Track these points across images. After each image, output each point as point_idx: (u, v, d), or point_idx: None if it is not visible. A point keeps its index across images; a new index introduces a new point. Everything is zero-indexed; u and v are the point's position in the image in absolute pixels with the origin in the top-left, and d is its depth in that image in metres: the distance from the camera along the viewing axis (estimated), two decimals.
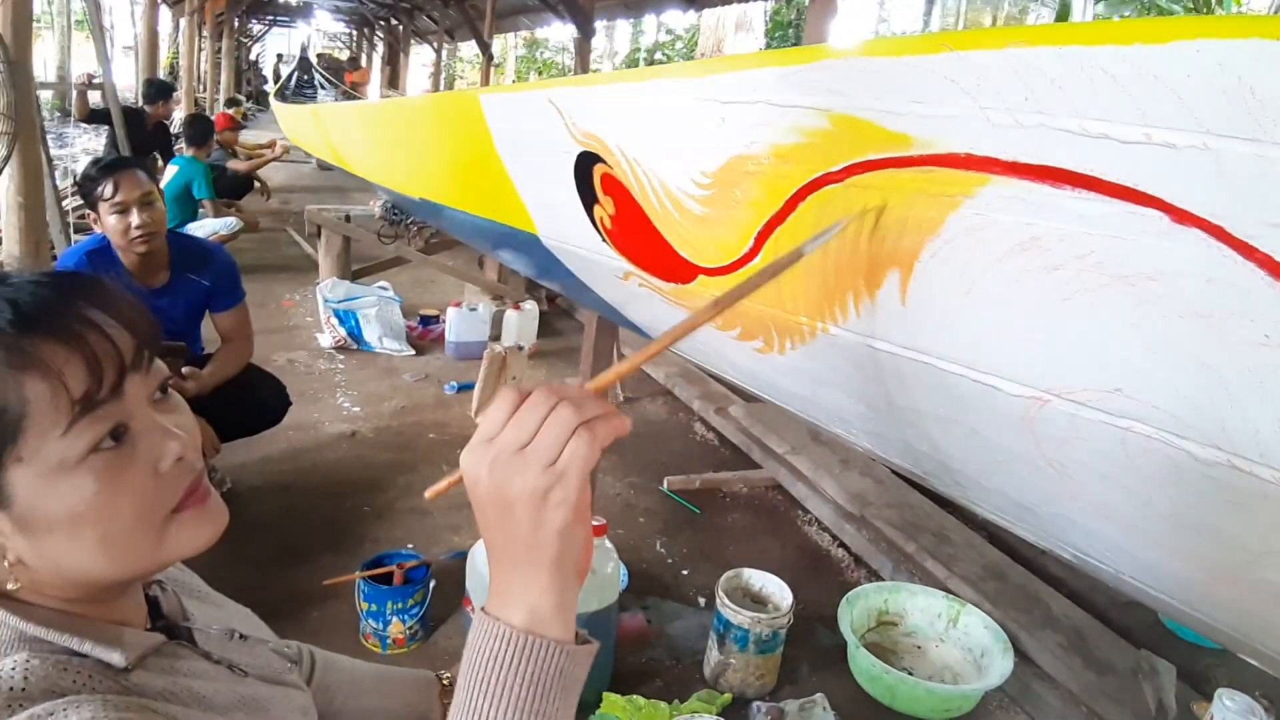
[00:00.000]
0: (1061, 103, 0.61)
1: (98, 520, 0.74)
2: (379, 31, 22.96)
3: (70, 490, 0.73)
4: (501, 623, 0.69)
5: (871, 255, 0.83)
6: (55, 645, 0.75)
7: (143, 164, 2.82)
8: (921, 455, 1.07)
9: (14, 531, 0.74)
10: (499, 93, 1.67)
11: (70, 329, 0.73)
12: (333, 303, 5.06)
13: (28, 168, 3.64)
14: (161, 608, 0.93)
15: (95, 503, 0.74)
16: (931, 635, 2.77)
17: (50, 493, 0.72)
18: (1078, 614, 2.80)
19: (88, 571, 0.77)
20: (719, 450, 4.22)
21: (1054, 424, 0.77)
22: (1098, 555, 0.99)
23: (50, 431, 0.71)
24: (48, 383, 0.71)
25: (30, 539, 0.74)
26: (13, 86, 3.37)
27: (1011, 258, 0.70)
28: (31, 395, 0.70)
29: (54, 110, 14.10)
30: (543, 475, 0.66)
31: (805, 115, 0.83)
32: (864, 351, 0.91)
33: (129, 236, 2.68)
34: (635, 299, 1.54)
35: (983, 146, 0.68)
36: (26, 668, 0.71)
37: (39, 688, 0.70)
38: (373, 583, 2.52)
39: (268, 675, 0.98)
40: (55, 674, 0.72)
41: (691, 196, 1.09)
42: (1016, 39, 0.61)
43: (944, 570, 2.99)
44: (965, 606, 2.72)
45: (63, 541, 0.74)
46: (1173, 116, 0.56)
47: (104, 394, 0.74)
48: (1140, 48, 0.55)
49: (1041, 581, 2.98)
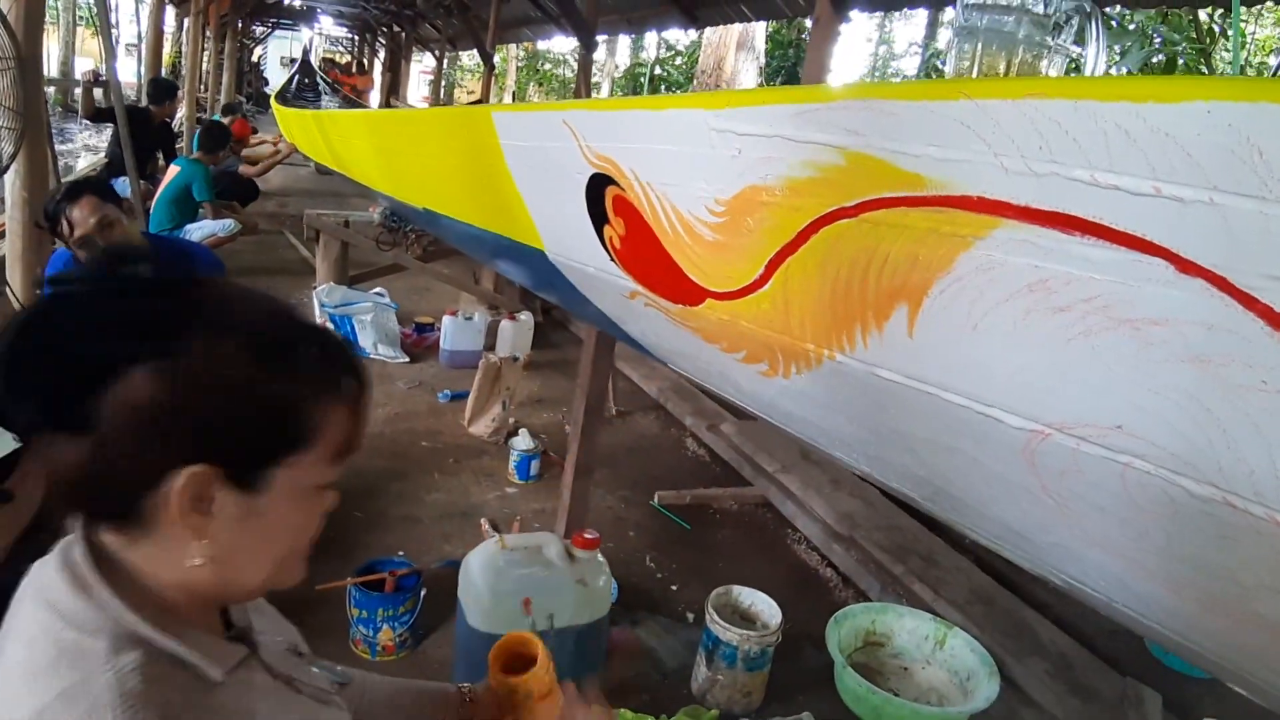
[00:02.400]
0: (1075, 154, 0.64)
1: (291, 538, 0.84)
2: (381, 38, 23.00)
3: (300, 508, 0.82)
4: None
5: (880, 288, 0.85)
6: (163, 649, 0.76)
7: (98, 185, 2.78)
8: (921, 481, 1.10)
9: (235, 518, 0.78)
10: (512, 111, 1.69)
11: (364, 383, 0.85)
12: (328, 308, 5.07)
13: (34, 164, 3.63)
14: (231, 617, 0.94)
15: (301, 525, 0.84)
16: (918, 657, 2.79)
17: (288, 502, 0.81)
18: (1065, 640, 2.82)
19: (250, 575, 0.83)
20: (710, 466, 4.24)
21: (1054, 457, 0.80)
22: (1092, 584, 1.01)
23: (324, 456, 0.81)
24: (349, 418, 0.82)
25: (239, 531, 0.79)
26: (22, 84, 3.37)
27: (1020, 298, 0.73)
28: (333, 421, 0.80)
29: (57, 106, 14.09)
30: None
31: (821, 151, 0.85)
32: (870, 380, 0.94)
33: None
34: (639, 317, 1.56)
35: (996, 191, 0.70)
36: (143, 671, 0.73)
37: (155, 692, 0.72)
38: (364, 590, 2.53)
39: (317, 695, 0.98)
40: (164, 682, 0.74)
41: (704, 223, 1.11)
42: (1034, 91, 0.64)
43: (931, 593, 3.01)
44: (952, 629, 2.74)
45: (262, 544, 0.82)
46: (1182, 172, 0.59)
47: (356, 445, 0.85)
48: (1153, 106, 0.58)
49: (1029, 607, 3.00)
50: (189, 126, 10.44)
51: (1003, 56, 0.91)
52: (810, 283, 0.96)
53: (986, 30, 0.92)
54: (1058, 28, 0.92)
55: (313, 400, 0.79)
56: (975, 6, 0.93)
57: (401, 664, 2.54)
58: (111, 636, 0.74)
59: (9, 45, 3.29)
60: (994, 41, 0.91)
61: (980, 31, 0.93)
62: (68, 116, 13.83)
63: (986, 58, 0.92)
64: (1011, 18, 0.90)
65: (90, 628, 0.74)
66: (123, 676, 0.71)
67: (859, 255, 0.86)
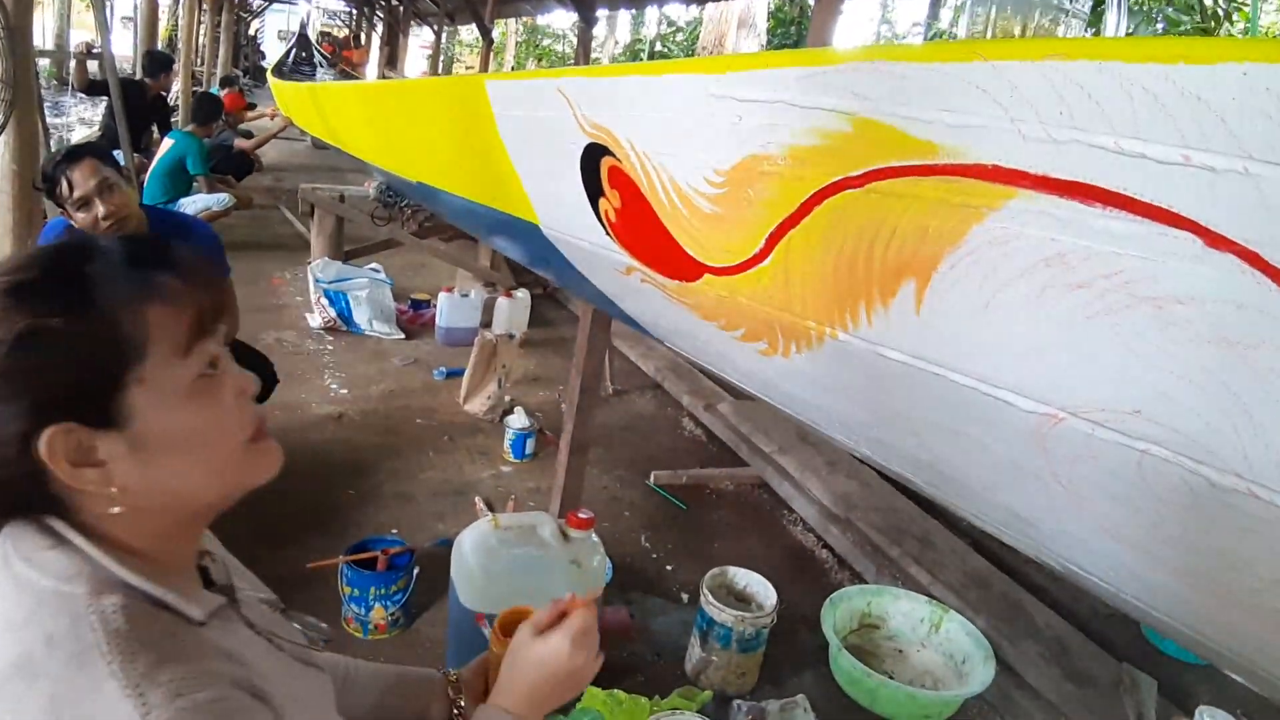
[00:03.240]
0: (1098, 119, 0.60)
1: (204, 439, 0.82)
2: (379, 11, 22.81)
3: (183, 409, 0.80)
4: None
5: (887, 263, 0.82)
6: (140, 591, 0.78)
7: (98, 149, 2.76)
8: (923, 465, 1.06)
9: (126, 454, 0.78)
10: (505, 79, 1.64)
11: (182, 267, 0.82)
12: (323, 283, 5.03)
13: (23, 136, 3.59)
14: (211, 576, 0.96)
15: (201, 422, 0.81)
16: (913, 640, 2.77)
17: (168, 412, 0.79)
18: (1060, 624, 2.81)
19: (189, 492, 0.83)
20: (707, 446, 4.21)
21: (1067, 442, 0.76)
22: (1100, 573, 0.98)
23: (171, 355, 0.78)
24: (169, 310, 0.79)
25: (140, 461, 0.78)
26: (11, 54, 3.31)
27: (1035, 273, 0.69)
28: (155, 320, 0.77)
29: (50, 78, 13.96)
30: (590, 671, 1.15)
31: (826, 118, 0.81)
32: (873, 359, 0.90)
33: (98, 228, 2.64)
34: (635, 294, 1.52)
35: (1012, 159, 0.66)
36: (126, 611, 0.74)
37: (140, 632, 0.73)
38: (357, 568, 2.51)
39: (297, 653, 0.99)
40: (147, 621, 0.76)
41: (702, 194, 1.07)
42: (1055, 51, 0.60)
43: (928, 576, 3.00)
44: (948, 613, 2.72)
45: (173, 461, 0.80)
46: (1214, 139, 0.55)
47: (210, 324, 0.82)
48: (1184, 68, 0.54)
49: (1025, 591, 2.98)
50: (184, 100, 10.34)
51: (1018, 21, 0.87)
52: (813, 257, 0.92)
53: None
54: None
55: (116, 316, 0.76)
56: None
57: (394, 642, 2.52)
58: (91, 580, 0.76)
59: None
60: (1009, 4, 0.87)
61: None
62: (62, 89, 13.73)
63: (1002, 21, 0.88)
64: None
65: (67, 575, 0.76)
66: (106, 617, 0.73)
67: (865, 228, 0.82)
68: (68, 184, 2.59)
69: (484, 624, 2.19)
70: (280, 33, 29.09)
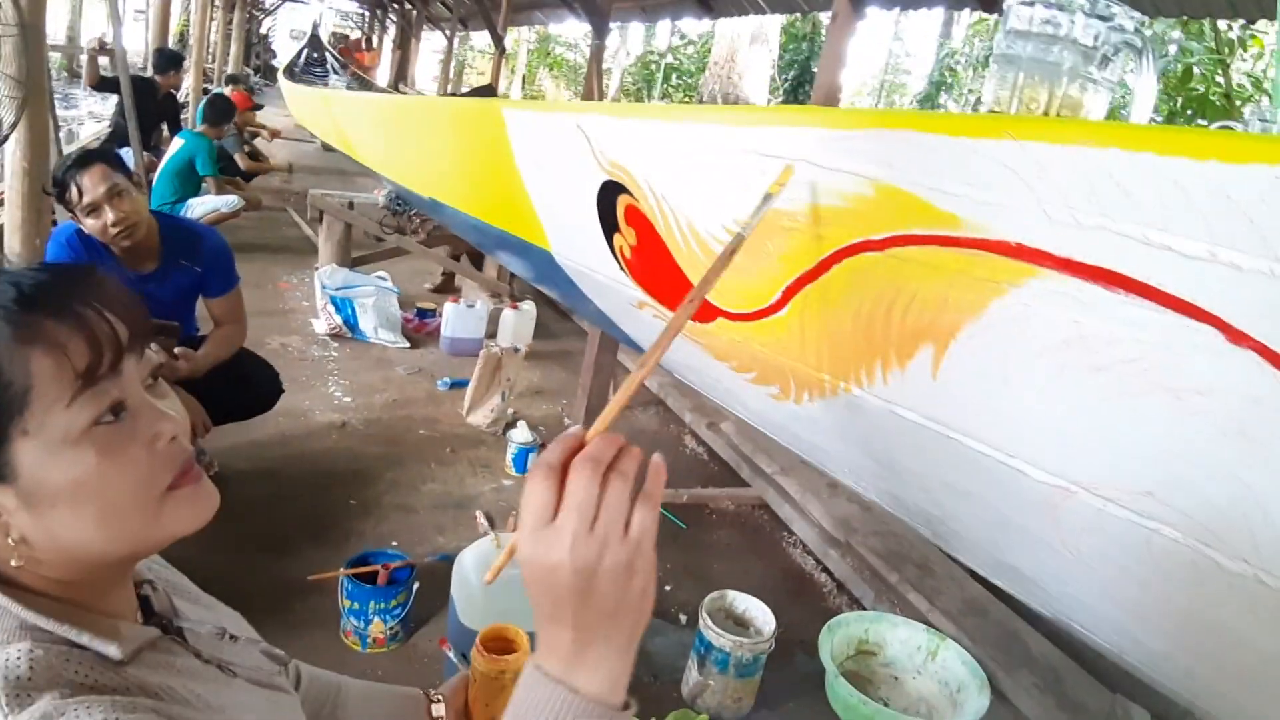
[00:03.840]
0: (1126, 208, 0.60)
1: (99, 493, 0.76)
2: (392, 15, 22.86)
3: (74, 462, 0.75)
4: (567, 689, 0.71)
5: (905, 326, 0.82)
6: (54, 635, 0.75)
7: (109, 155, 2.77)
8: (934, 519, 1.06)
9: (18, 507, 0.75)
10: (524, 109, 1.65)
11: (71, 309, 0.76)
12: (330, 289, 5.03)
13: (35, 133, 3.59)
14: (153, 606, 0.93)
15: (97, 475, 0.75)
16: (909, 667, 2.77)
17: (55, 465, 0.74)
18: (1055, 654, 2.81)
19: (87, 547, 0.78)
20: (708, 465, 4.21)
21: (1079, 514, 0.76)
22: (1102, 634, 0.98)
23: (55, 405, 0.73)
24: (52, 357, 0.73)
25: (33, 514, 0.75)
26: (25, 51, 3.32)
27: (1054, 352, 0.69)
28: (36, 369, 0.73)
29: (61, 71, 14.00)
30: (622, 549, 0.68)
31: (850, 180, 0.82)
32: (887, 417, 0.90)
33: (108, 235, 2.65)
34: (647, 328, 1.53)
35: (1036, 238, 0.67)
36: (31, 657, 0.71)
37: (44, 678, 0.70)
38: (357, 581, 2.51)
39: (257, 678, 0.97)
40: (59, 664, 0.73)
41: (719, 241, 1.08)
42: (1086, 136, 0.61)
43: (926, 603, 2.99)
44: (945, 641, 2.72)
45: (65, 515, 0.76)
46: (1241, 238, 0.55)
47: (104, 370, 0.76)
48: (1216, 165, 0.55)
49: (1021, 620, 2.98)
50: (194, 98, 10.35)
51: (1045, 88, 0.87)
52: (829, 313, 0.92)
53: (1029, 59, 0.89)
54: (1105, 60, 0.88)
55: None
56: (1019, 33, 0.89)
57: (391, 656, 2.52)
58: (4, 631, 0.74)
59: (11, 11, 3.24)
60: (1037, 71, 0.87)
61: (1023, 60, 0.89)
62: (72, 82, 13.75)
63: (1028, 88, 0.88)
64: (1057, 47, 0.87)
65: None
66: (8, 667, 0.70)
67: (884, 290, 0.83)
68: (78, 189, 2.59)
69: (446, 647, 2.19)
70: (292, 32, 29.11)
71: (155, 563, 1.03)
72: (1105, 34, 0.88)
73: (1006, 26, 0.91)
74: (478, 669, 1.29)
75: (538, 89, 28.68)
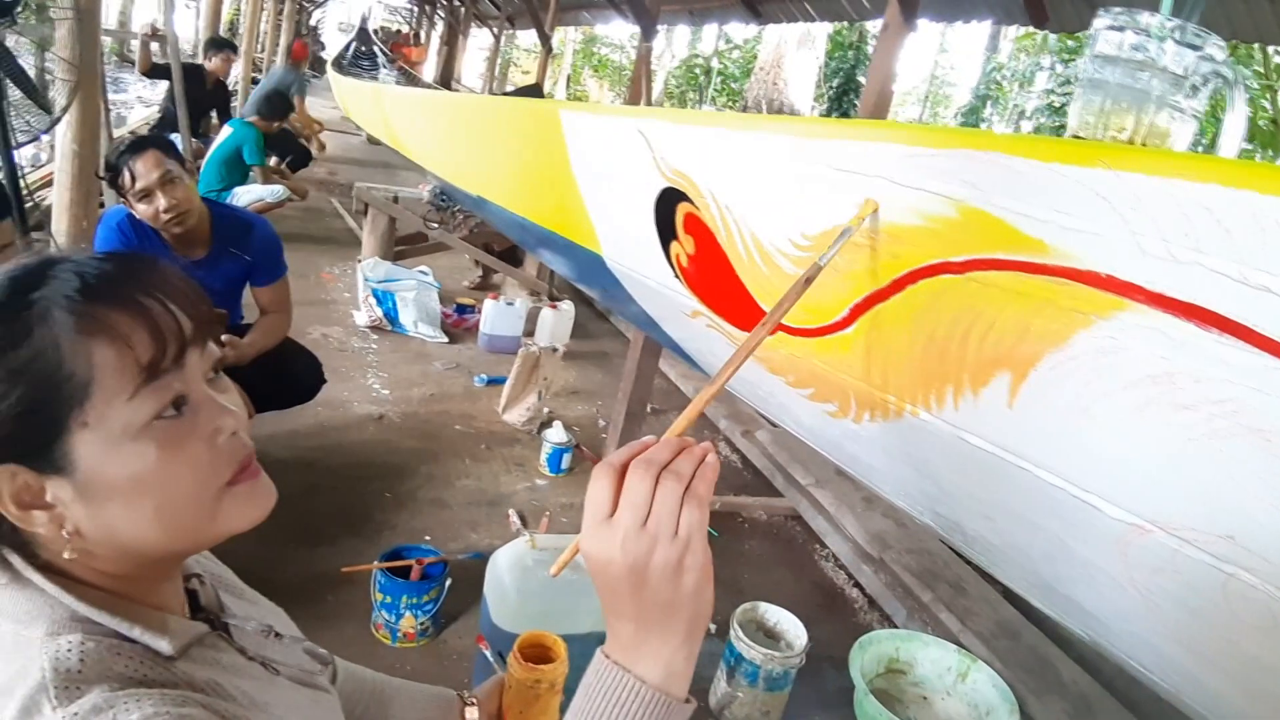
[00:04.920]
0: (1224, 245, 0.59)
1: (157, 488, 0.76)
2: (440, 11, 23.00)
3: (133, 456, 0.74)
4: (633, 676, 0.73)
5: (983, 352, 0.80)
6: (105, 628, 0.75)
7: (162, 141, 2.79)
8: (993, 548, 1.05)
9: (75, 499, 0.74)
10: (582, 111, 1.65)
11: (136, 301, 0.75)
12: (372, 282, 5.07)
13: (86, 117, 3.62)
14: (200, 600, 0.93)
15: (156, 470, 0.75)
16: (939, 688, 2.74)
17: (114, 459, 0.74)
18: (1086, 681, 2.78)
19: (142, 541, 0.78)
20: (741, 473, 4.20)
21: (1151, 553, 0.75)
22: (1160, 673, 0.96)
23: (117, 397, 0.73)
24: (116, 349, 0.73)
25: (89, 507, 0.75)
26: (79, 35, 3.36)
27: (1139, 387, 0.68)
28: (99, 361, 0.72)
29: (111, 55, 14.18)
30: (672, 547, 0.71)
31: (931, 200, 0.80)
32: (955, 442, 0.89)
33: (160, 221, 2.68)
34: (698, 336, 1.52)
35: (1128, 271, 0.65)
36: (82, 650, 0.71)
37: (94, 671, 0.70)
38: (390, 575, 2.52)
39: (299, 676, 0.97)
40: (109, 658, 0.72)
41: (785, 254, 1.06)
42: (1185, 169, 0.59)
43: (958, 624, 2.97)
44: (976, 663, 2.70)
45: (122, 510, 0.75)
46: None
47: (168, 363, 0.75)
48: None
49: (1053, 645, 2.95)
50: (244, 87, 10.45)
51: (1132, 115, 0.86)
52: (900, 333, 0.91)
53: (1117, 85, 0.87)
54: (1195, 90, 0.87)
55: (56, 353, 0.71)
56: (1106, 59, 0.87)
57: (420, 652, 2.53)
58: (49, 622, 0.73)
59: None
60: (1124, 98, 0.85)
61: (1110, 86, 0.87)
62: (122, 67, 13.93)
63: (1115, 114, 0.87)
64: (1146, 74, 0.85)
65: (27, 618, 0.74)
66: (59, 658, 0.70)
67: (961, 315, 0.81)
68: (131, 175, 2.63)
69: (484, 645, 2.19)
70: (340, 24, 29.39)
71: (202, 556, 1.03)
72: (1195, 64, 0.86)
73: (1094, 51, 0.89)
74: (514, 676, 1.29)
75: (581, 89, 28.78)
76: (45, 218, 3.58)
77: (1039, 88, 18.01)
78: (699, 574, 0.72)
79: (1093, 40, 0.90)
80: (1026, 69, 18.96)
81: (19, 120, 3.05)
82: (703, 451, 0.74)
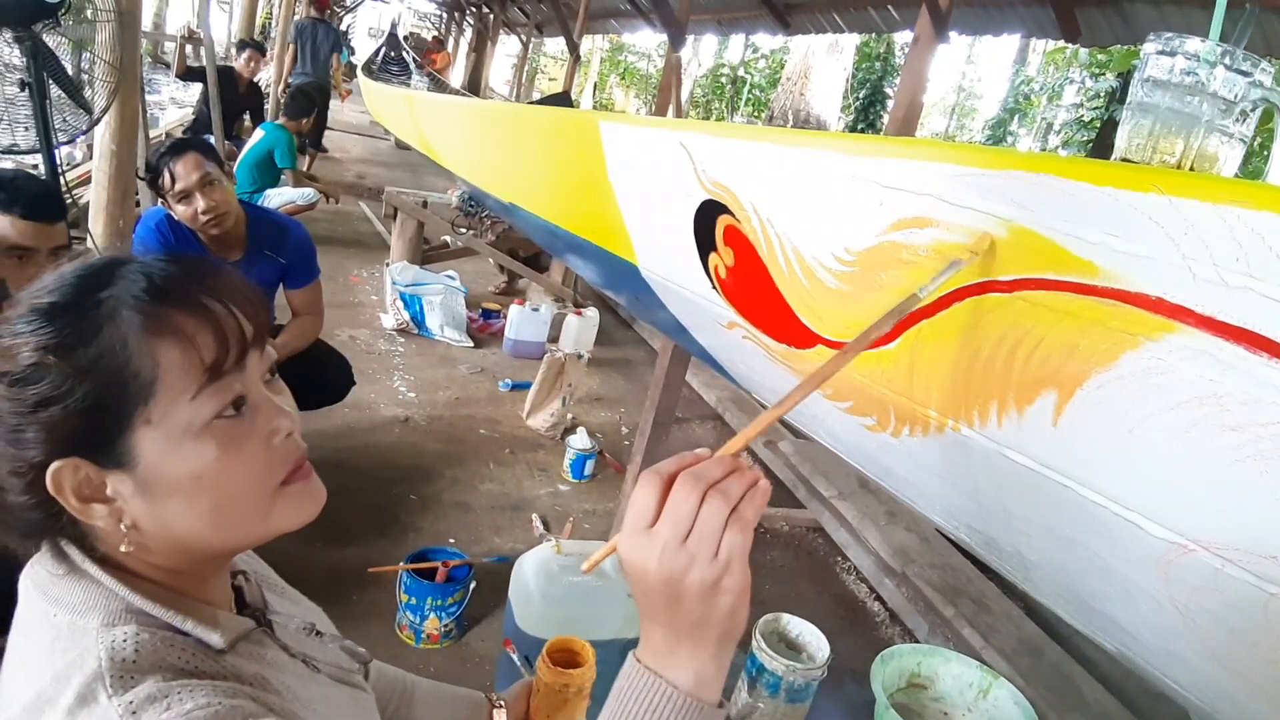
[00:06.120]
0: (1276, 271, 0.60)
1: (216, 486, 0.78)
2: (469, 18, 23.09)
3: (194, 454, 0.76)
4: (665, 681, 0.73)
5: (1028, 371, 0.81)
6: (159, 620, 0.77)
7: (201, 144, 2.83)
8: (1029, 564, 1.05)
9: (134, 494, 0.76)
10: (622, 122, 1.66)
11: (200, 303, 0.77)
12: (400, 285, 5.11)
13: (124, 117, 3.68)
14: (245, 596, 0.95)
15: (215, 468, 0.77)
16: (960, 704, 2.72)
17: (175, 456, 0.76)
18: (1108, 700, 2.76)
19: (197, 537, 0.80)
20: None
21: (1193, 572, 0.75)
22: (1196, 692, 0.96)
23: (180, 396, 0.75)
24: (181, 349, 0.75)
25: (148, 502, 0.77)
26: (120, 38, 3.41)
27: (1186, 408, 0.68)
28: (164, 360, 0.74)
29: (146, 56, 14.30)
30: (710, 568, 0.70)
31: (980, 219, 0.81)
32: (997, 459, 0.90)
33: (198, 222, 2.71)
34: (732, 348, 1.53)
35: (1178, 295, 0.66)
36: (138, 640, 0.73)
37: (149, 661, 0.72)
38: (416, 576, 2.54)
39: (337, 675, 0.99)
40: (163, 649, 0.74)
41: (828, 269, 1.08)
42: (1238, 196, 0.60)
43: (980, 640, 2.96)
44: (998, 680, 2.67)
45: (180, 506, 0.77)
46: None
47: (230, 364, 0.78)
48: None
49: (1075, 662, 2.94)
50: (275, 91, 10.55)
51: (1181, 139, 0.87)
52: (945, 350, 0.92)
53: (1166, 109, 0.88)
54: (1244, 116, 0.87)
55: (123, 352, 0.73)
56: (1157, 83, 0.88)
57: (444, 653, 2.55)
58: (105, 613, 0.75)
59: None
60: (1173, 122, 0.86)
61: (1159, 110, 0.88)
62: (155, 68, 14.07)
63: (1164, 138, 0.88)
64: (1196, 99, 0.86)
65: (83, 608, 0.75)
66: (115, 648, 0.72)
67: (1008, 333, 0.82)
68: (171, 176, 2.66)
69: (510, 648, 2.21)
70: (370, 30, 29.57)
71: (247, 554, 1.05)
72: (1245, 89, 0.87)
73: (1144, 75, 0.90)
74: (542, 679, 1.30)
75: (608, 97, 28.84)
76: (82, 216, 3.63)
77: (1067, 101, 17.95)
78: (735, 597, 0.71)
79: (1142, 64, 0.90)
80: (1056, 82, 18.90)
81: (58, 119, 3.09)
82: (755, 475, 0.74)
